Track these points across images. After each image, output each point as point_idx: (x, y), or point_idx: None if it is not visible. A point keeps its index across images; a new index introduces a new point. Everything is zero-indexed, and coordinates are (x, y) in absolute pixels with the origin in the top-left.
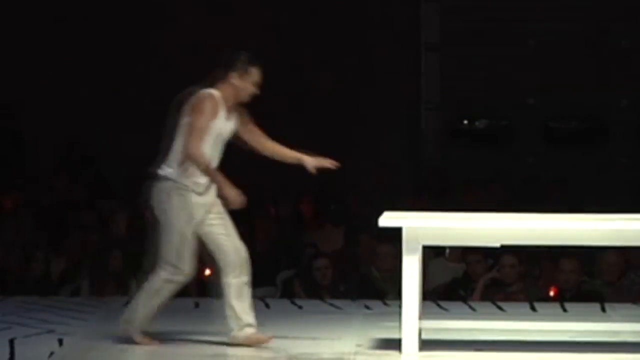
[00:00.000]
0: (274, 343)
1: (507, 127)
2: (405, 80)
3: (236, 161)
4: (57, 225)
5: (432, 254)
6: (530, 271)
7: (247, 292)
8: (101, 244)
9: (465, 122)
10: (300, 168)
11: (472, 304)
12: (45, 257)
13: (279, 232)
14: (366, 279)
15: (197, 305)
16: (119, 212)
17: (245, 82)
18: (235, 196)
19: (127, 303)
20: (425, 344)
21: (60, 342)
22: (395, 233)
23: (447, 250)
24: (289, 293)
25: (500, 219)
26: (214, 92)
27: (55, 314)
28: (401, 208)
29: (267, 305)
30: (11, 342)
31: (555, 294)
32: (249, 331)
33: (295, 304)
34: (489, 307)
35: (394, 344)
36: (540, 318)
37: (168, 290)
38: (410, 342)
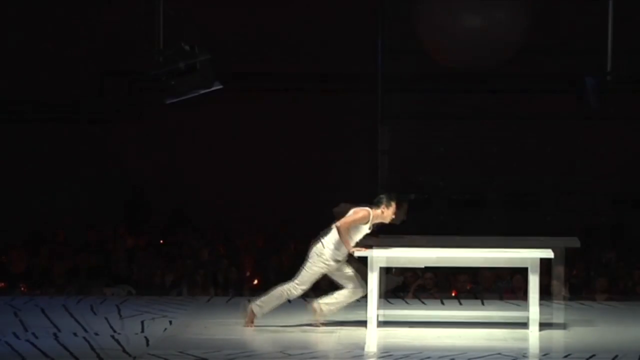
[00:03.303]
0: (295, 318)
1: (427, 199)
2: (368, 172)
3: None
4: (169, 256)
5: (385, 271)
6: (441, 281)
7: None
8: (193, 266)
9: None
10: (305, 224)
11: (407, 300)
12: (162, 272)
13: (296, 260)
14: None
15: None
16: (203, 248)
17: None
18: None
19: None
20: (381, 323)
21: (170, 322)
22: (364, 260)
23: (393, 270)
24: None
25: (424, 252)
26: (371, 211)
27: (167, 306)
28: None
29: (289, 301)
30: (142, 322)
31: (455, 294)
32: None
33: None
34: (416, 302)
35: (363, 323)
36: (447, 308)
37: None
38: (372, 322)
